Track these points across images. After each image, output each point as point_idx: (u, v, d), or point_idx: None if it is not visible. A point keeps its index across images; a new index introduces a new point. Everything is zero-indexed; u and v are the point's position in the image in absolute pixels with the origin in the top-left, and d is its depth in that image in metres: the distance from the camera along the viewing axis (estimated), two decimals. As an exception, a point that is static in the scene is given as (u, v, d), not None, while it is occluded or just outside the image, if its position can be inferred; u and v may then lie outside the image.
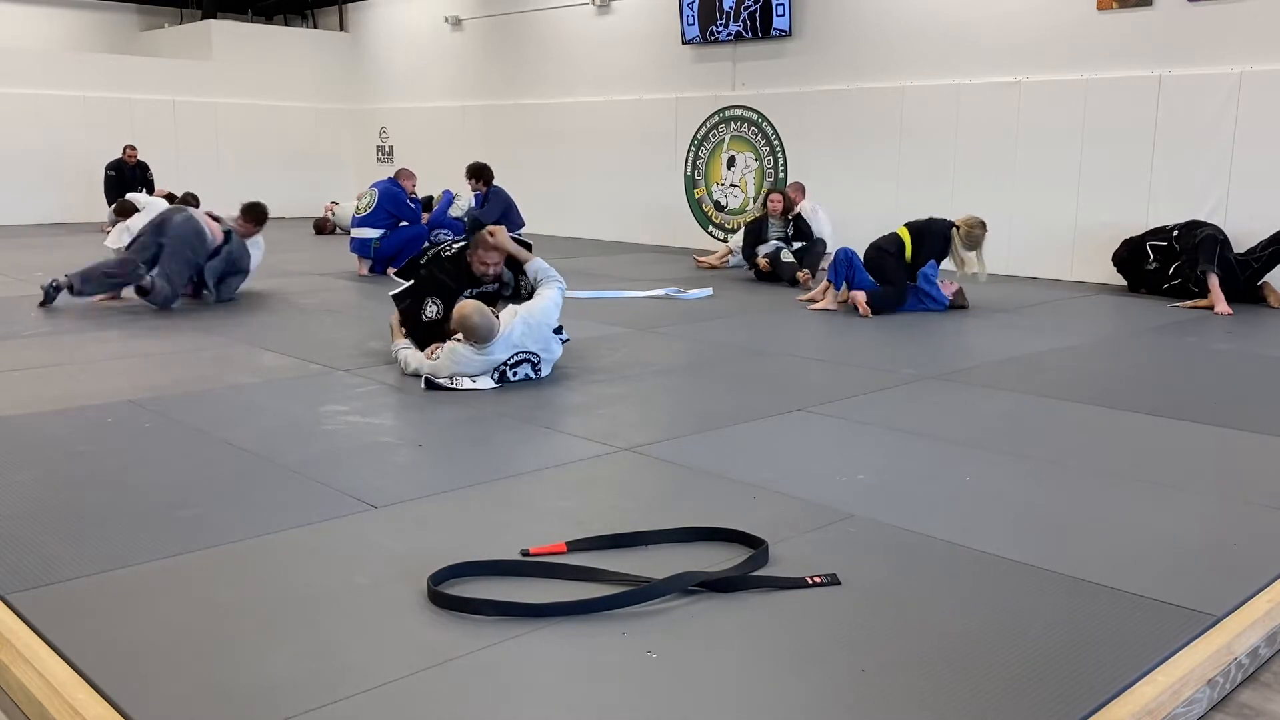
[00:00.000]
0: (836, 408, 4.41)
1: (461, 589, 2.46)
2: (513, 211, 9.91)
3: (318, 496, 3.19)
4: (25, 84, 13.94)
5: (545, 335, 4.89)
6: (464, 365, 4.69)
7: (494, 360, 4.72)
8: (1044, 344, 5.99)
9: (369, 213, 8.95)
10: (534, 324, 4.82)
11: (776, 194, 9.01)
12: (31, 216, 13.96)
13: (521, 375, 4.80)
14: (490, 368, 4.72)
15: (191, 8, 17.00)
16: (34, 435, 3.87)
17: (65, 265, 9.29)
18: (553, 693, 2.03)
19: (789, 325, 6.69)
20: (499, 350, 4.71)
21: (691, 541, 2.81)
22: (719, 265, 9.63)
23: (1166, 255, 7.80)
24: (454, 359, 4.69)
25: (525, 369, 4.81)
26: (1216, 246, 7.31)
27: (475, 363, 4.70)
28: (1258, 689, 2.31)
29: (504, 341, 4.71)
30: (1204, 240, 7.36)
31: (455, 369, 4.69)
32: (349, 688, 2.03)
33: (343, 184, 15.56)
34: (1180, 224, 7.80)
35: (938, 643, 2.25)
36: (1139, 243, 8.03)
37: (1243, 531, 2.96)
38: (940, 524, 2.98)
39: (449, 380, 4.68)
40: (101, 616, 2.35)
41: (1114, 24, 8.54)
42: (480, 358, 4.69)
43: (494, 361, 4.72)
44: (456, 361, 4.68)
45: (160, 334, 6.08)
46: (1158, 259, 7.86)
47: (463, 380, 4.68)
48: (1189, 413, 4.38)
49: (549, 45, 13.28)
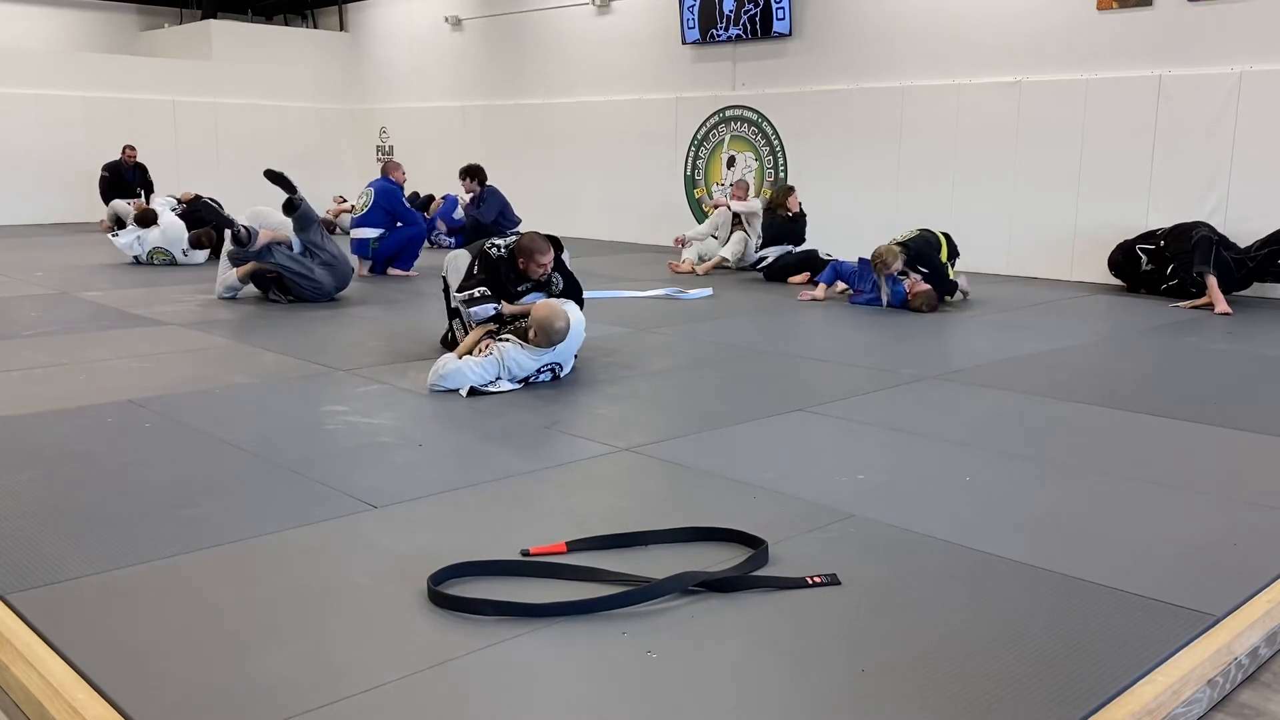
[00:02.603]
0: (836, 408, 4.41)
1: (461, 589, 2.46)
2: (508, 211, 9.94)
3: (318, 496, 3.19)
4: (25, 84, 13.94)
5: (576, 345, 4.92)
6: (513, 368, 4.63)
7: (543, 363, 4.70)
8: (1044, 344, 5.99)
9: (366, 212, 8.94)
10: (578, 334, 4.86)
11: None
12: (31, 216, 13.96)
13: (543, 379, 4.81)
14: (530, 371, 4.69)
15: (191, 8, 16.99)
16: (34, 435, 3.87)
17: (65, 265, 9.32)
18: (553, 693, 2.03)
19: (789, 325, 6.69)
20: (553, 355, 4.71)
21: (691, 541, 2.81)
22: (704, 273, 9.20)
23: (1157, 259, 7.81)
24: (505, 362, 4.61)
25: (547, 374, 4.82)
26: (1212, 248, 7.31)
27: (526, 366, 4.66)
28: (1258, 689, 2.31)
29: (561, 347, 4.74)
30: (1199, 242, 7.36)
31: (501, 372, 4.62)
32: (349, 688, 2.03)
33: (343, 184, 15.54)
34: (1168, 229, 7.80)
35: (938, 643, 2.25)
36: (1130, 246, 8.05)
37: (1243, 531, 2.96)
38: (940, 524, 2.98)
39: (491, 384, 4.61)
40: (101, 616, 2.35)
41: (1114, 24, 8.54)
42: (531, 361, 4.66)
43: (541, 365, 4.70)
44: (507, 364, 4.62)
45: (160, 334, 6.08)
46: (1151, 263, 7.86)
47: (501, 383, 4.63)
48: (1189, 413, 4.38)
49: (549, 45, 13.28)
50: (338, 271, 7.40)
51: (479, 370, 4.58)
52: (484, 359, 4.61)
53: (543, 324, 4.63)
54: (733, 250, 9.32)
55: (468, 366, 4.59)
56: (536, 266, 5.09)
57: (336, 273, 7.39)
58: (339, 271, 7.41)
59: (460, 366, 4.59)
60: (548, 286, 5.23)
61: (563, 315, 4.66)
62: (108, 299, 7.36)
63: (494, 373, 4.60)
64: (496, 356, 4.62)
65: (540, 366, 4.73)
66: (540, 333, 4.64)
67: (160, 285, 8.15)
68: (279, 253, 7.19)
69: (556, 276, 5.27)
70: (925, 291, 7.11)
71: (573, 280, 5.37)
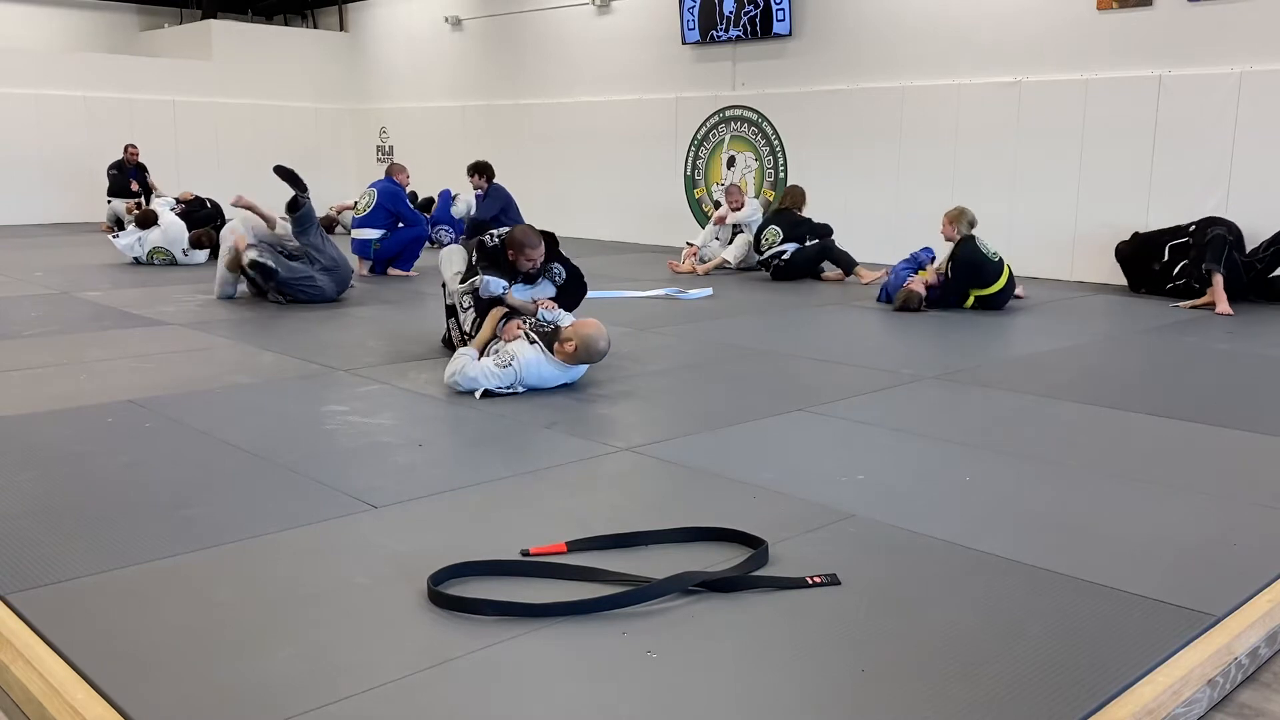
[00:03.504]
0: (836, 408, 4.41)
1: (461, 589, 2.46)
2: (511, 209, 9.92)
3: (318, 496, 3.19)
4: (25, 84, 13.94)
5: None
6: (530, 378, 4.56)
7: (568, 379, 4.68)
8: (1044, 344, 5.99)
9: (368, 213, 8.95)
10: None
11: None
12: (31, 216, 13.96)
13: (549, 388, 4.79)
14: (550, 384, 4.64)
15: (191, 8, 16.99)
16: (34, 435, 3.87)
17: (65, 265, 9.32)
18: (553, 693, 2.03)
19: (789, 325, 6.69)
20: (578, 372, 4.71)
21: (691, 541, 2.81)
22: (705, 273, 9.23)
23: (1182, 254, 7.65)
24: (523, 374, 4.54)
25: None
26: (1225, 246, 7.27)
27: (546, 378, 4.61)
28: (1258, 689, 2.31)
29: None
30: (1213, 239, 7.32)
31: (522, 378, 4.55)
32: (349, 688, 2.03)
33: (343, 184, 15.55)
34: (1196, 222, 7.71)
35: (938, 643, 2.25)
36: (1155, 240, 7.89)
37: (1243, 531, 2.96)
38: (940, 524, 2.98)
39: (505, 388, 4.55)
40: (101, 616, 2.35)
41: (1114, 24, 8.54)
42: (555, 373, 4.63)
43: (568, 379, 4.69)
44: (524, 376, 4.54)
45: (160, 334, 6.08)
46: (1173, 259, 7.71)
47: (515, 387, 4.58)
48: (1189, 413, 4.38)
49: (549, 45, 13.28)
50: (338, 276, 7.38)
51: (495, 379, 4.51)
52: (503, 371, 4.52)
53: (588, 341, 4.56)
54: (735, 253, 9.33)
55: (484, 374, 4.51)
56: (525, 260, 5.07)
57: (337, 277, 7.37)
58: (339, 276, 7.39)
59: (477, 375, 4.52)
60: (536, 280, 5.22)
61: (606, 336, 4.63)
62: (108, 299, 7.37)
63: (510, 380, 4.54)
64: (515, 369, 4.53)
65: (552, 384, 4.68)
66: (583, 347, 4.55)
67: (160, 285, 8.15)
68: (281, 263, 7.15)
69: (558, 268, 5.27)
70: (913, 292, 7.14)
71: (576, 272, 5.37)
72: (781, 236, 8.88)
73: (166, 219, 9.76)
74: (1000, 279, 7.15)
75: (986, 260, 7.09)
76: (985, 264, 7.09)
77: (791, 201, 9.21)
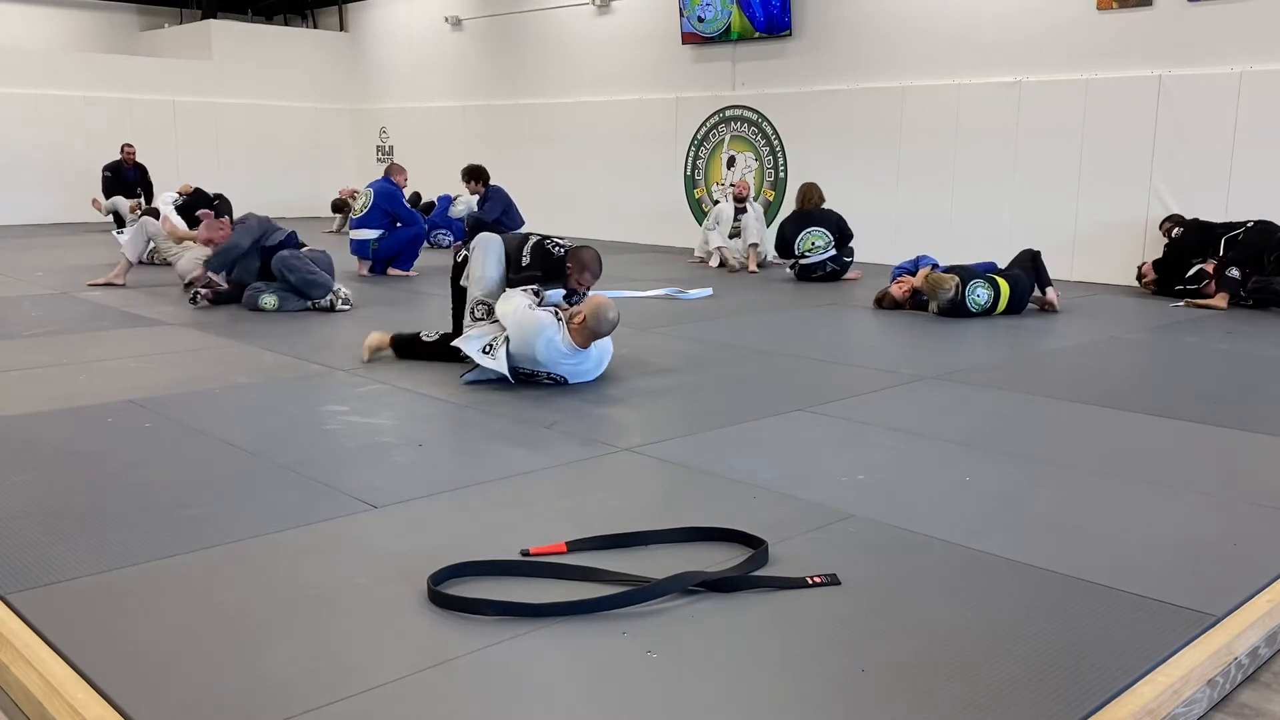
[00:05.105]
0: (836, 408, 4.41)
1: (461, 589, 2.46)
2: (512, 210, 9.92)
3: (317, 496, 3.19)
4: (25, 84, 13.95)
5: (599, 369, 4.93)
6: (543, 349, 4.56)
7: (574, 362, 4.68)
8: (1044, 344, 5.99)
9: (365, 214, 8.95)
10: (604, 362, 4.90)
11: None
12: (31, 216, 13.96)
13: (546, 382, 4.77)
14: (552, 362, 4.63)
15: (191, 8, 17.00)
16: (34, 435, 3.87)
17: (65, 265, 9.32)
18: (553, 693, 2.03)
19: (789, 325, 6.69)
20: (578, 360, 4.69)
21: (691, 541, 2.81)
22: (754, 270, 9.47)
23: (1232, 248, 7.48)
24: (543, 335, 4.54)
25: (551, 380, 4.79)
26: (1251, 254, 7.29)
27: (552, 354, 4.60)
28: (1258, 689, 2.31)
29: (596, 355, 4.75)
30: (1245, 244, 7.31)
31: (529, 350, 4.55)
32: (350, 687, 2.03)
33: (343, 184, 15.55)
34: (1255, 221, 7.54)
35: (938, 643, 2.25)
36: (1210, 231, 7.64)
37: (1243, 531, 2.96)
38: (940, 524, 2.98)
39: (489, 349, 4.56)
40: (101, 616, 2.35)
41: (1114, 24, 8.54)
42: (568, 357, 4.63)
43: (578, 369, 4.70)
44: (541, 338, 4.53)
45: (160, 334, 6.08)
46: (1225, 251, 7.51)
47: (498, 352, 4.58)
48: (1189, 413, 4.38)
49: (549, 45, 13.28)
50: (317, 284, 7.10)
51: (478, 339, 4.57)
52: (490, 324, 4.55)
53: (596, 309, 4.57)
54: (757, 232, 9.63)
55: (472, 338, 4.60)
56: (580, 282, 5.05)
57: (317, 286, 7.10)
58: (318, 283, 7.10)
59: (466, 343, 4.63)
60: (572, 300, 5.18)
61: (614, 307, 4.64)
62: (108, 299, 7.37)
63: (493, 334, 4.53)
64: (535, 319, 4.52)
65: (554, 370, 4.68)
66: (591, 316, 4.56)
67: (160, 285, 8.15)
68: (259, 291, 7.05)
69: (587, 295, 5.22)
70: (888, 293, 7.20)
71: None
72: (829, 240, 8.68)
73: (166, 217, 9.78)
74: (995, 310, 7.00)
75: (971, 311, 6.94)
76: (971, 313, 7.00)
77: (816, 201, 8.93)
